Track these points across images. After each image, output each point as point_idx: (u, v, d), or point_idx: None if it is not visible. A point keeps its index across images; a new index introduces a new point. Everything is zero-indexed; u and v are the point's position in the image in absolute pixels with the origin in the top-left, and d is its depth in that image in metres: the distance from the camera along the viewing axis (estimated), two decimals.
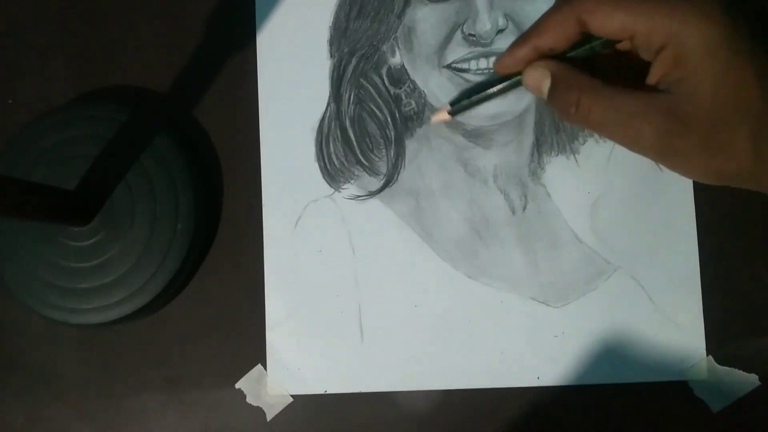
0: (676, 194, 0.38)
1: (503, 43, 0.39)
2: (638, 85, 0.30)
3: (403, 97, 0.40)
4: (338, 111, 0.40)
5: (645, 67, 0.30)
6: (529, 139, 0.39)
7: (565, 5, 0.31)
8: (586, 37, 0.31)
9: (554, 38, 0.31)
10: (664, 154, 0.30)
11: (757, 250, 0.38)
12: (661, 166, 0.35)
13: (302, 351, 0.38)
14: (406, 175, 0.39)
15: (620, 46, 0.31)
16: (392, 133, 0.39)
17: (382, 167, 0.39)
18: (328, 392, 0.38)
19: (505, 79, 0.33)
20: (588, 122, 0.30)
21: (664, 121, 0.29)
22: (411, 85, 0.40)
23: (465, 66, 0.39)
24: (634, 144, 0.30)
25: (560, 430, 0.37)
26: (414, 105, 0.39)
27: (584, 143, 0.39)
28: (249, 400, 0.38)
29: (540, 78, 0.32)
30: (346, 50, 0.40)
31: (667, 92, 0.29)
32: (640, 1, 0.29)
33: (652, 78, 0.30)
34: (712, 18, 0.28)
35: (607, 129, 0.30)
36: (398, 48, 0.40)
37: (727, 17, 0.28)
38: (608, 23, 0.30)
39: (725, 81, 0.28)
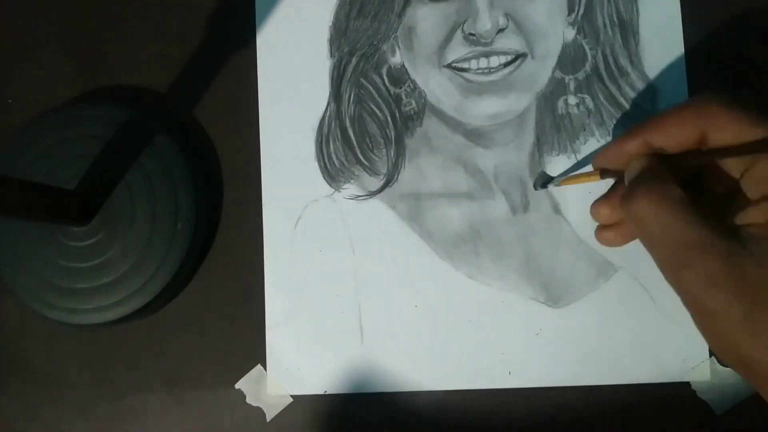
0: None
1: (503, 42, 0.39)
2: (721, 211, 0.27)
3: (404, 97, 0.39)
4: (338, 111, 0.40)
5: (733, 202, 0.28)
6: (529, 138, 0.39)
7: (689, 110, 0.28)
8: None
9: (669, 140, 0.28)
10: (699, 304, 0.26)
11: None
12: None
13: (302, 351, 0.38)
14: (406, 175, 0.39)
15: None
16: (392, 133, 0.39)
17: (383, 167, 0.39)
18: (328, 392, 0.38)
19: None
20: (640, 221, 0.27)
21: (720, 267, 0.25)
22: (411, 85, 0.39)
23: (465, 65, 0.39)
24: (672, 274, 0.27)
25: (561, 430, 0.37)
26: (414, 104, 0.39)
27: (585, 143, 0.38)
28: (249, 400, 0.38)
29: (635, 167, 0.29)
30: (346, 50, 0.40)
31: (742, 239, 0.25)
32: None
33: (740, 218, 0.27)
34: None
35: (653, 240, 0.27)
36: (398, 47, 0.40)
37: None
38: (732, 137, 0.27)
39: None
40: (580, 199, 0.38)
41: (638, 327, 0.37)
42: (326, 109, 0.40)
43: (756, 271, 0.24)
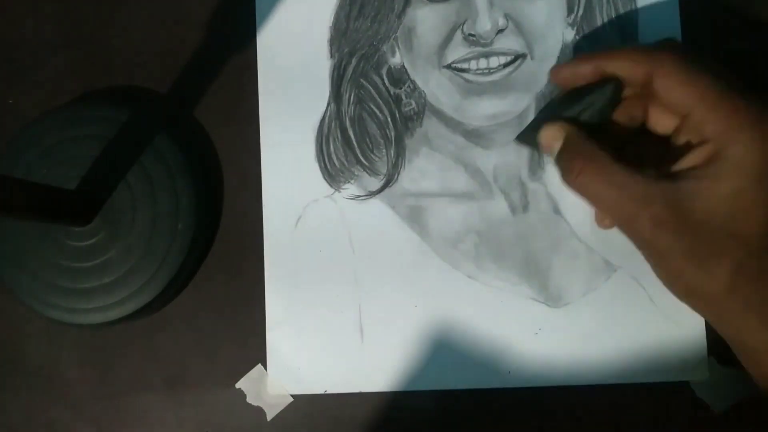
0: None
1: (503, 43, 0.39)
2: (655, 163, 0.30)
3: (404, 97, 0.40)
4: (338, 111, 0.40)
5: (673, 149, 0.30)
6: None
7: (644, 52, 0.30)
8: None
9: (621, 69, 0.31)
10: (651, 246, 0.29)
11: None
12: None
13: (302, 351, 0.38)
14: (406, 175, 0.39)
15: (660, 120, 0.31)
16: (392, 133, 0.39)
17: (382, 167, 0.39)
18: (328, 392, 0.38)
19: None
20: (585, 193, 0.31)
21: (664, 211, 0.28)
22: (411, 85, 0.40)
23: (465, 66, 0.39)
24: (625, 226, 0.30)
25: (560, 430, 0.37)
26: (414, 105, 0.39)
27: None
28: (249, 399, 0.38)
29: (553, 137, 0.32)
30: (346, 50, 0.40)
31: (680, 183, 0.29)
32: (712, 91, 0.29)
33: (679, 164, 0.30)
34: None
35: (603, 204, 0.30)
36: (398, 48, 0.40)
37: None
38: (673, 93, 0.29)
39: (747, 203, 0.28)
40: (580, 199, 0.38)
41: (637, 326, 0.37)
42: (326, 109, 0.40)
43: (693, 209, 0.28)
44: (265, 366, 0.38)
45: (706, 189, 0.28)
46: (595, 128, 0.32)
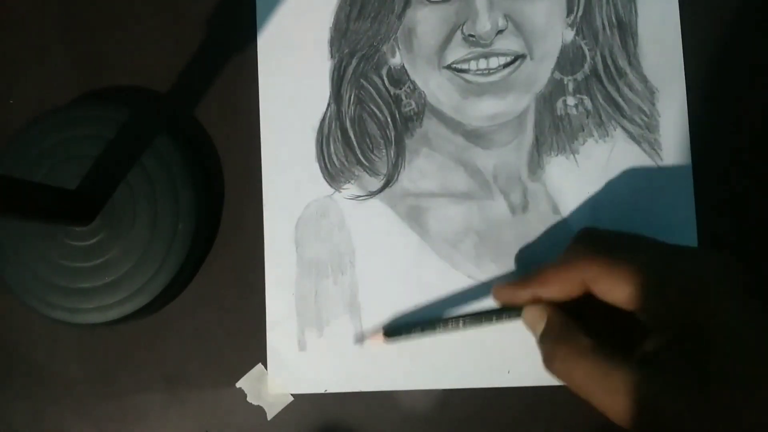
0: (676, 194, 0.38)
1: (503, 43, 0.39)
2: (629, 342, 0.30)
3: (403, 98, 0.40)
4: (338, 111, 0.40)
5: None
6: (528, 139, 0.39)
7: (570, 266, 0.31)
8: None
9: (556, 293, 0.31)
10: (630, 428, 0.29)
11: (758, 249, 0.38)
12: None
13: (302, 351, 0.38)
14: (406, 175, 0.39)
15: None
16: (392, 134, 0.39)
17: (383, 167, 0.39)
18: (328, 391, 0.38)
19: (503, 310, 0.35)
20: (566, 380, 0.30)
21: (639, 408, 0.28)
22: (411, 86, 0.40)
23: (465, 66, 0.39)
24: (603, 411, 0.30)
25: (560, 429, 0.37)
26: (414, 105, 0.40)
27: (584, 143, 0.39)
28: (249, 399, 0.38)
29: (536, 319, 0.32)
30: (346, 51, 0.40)
31: (651, 376, 0.28)
32: (650, 275, 0.28)
33: (648, 346, 0.29)
34: (732, 303, 0.27)
35: (582, 392, 0.30)
36: (398, 48, 0.40)
37: (748, 304, 0.27)
38: (613, 293, 0.29)
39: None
40: (579, 199, 0.38)
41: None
42: (326, 109, 0.40)
43: (663, 399, 0.27)
44: (265, 365, 0.38)
45: (671, 382, 0.27)
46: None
